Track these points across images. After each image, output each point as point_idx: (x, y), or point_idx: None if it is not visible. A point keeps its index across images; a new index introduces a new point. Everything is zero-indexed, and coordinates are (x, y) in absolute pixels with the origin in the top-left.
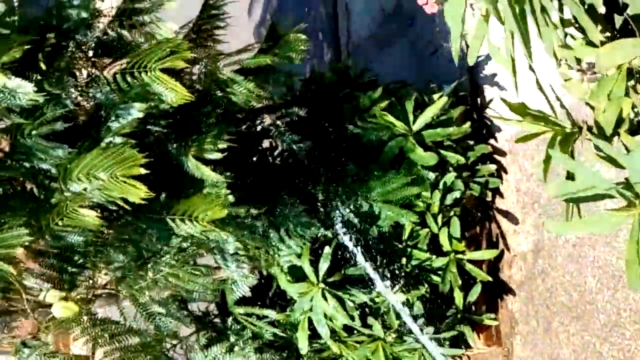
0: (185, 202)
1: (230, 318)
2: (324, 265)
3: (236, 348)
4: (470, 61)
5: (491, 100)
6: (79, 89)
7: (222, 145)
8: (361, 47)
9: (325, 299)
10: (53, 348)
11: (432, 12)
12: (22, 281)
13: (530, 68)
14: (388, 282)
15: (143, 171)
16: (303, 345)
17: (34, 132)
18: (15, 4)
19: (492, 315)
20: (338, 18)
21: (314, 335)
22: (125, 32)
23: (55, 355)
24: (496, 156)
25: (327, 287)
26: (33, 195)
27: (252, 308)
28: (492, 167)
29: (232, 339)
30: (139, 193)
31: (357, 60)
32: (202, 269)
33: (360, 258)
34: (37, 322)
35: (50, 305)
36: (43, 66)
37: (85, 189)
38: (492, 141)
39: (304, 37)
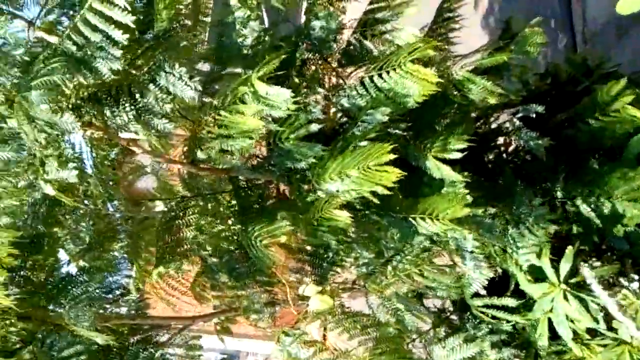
0: (424, 201)
1: (468, 313)
2: (565, 266)
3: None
4: None
5: None
6: (326, 97)
7: (461, 145)
8: (598, 33)
9: (567, 301)
10: (310, 337)
11: None
12: (283, 275)
13: None
14: (636, 284)
15: (392, 156)
16: (543, 346)
17: (291, 136)
18: (266, 25)
19: None
20: (572, 3)
21: (554, 336)
22: (366, 42)
23: (313, 344)
24: None
25: (568, 289)
26: (286, 196)
27: (490, 299)
28: None
29: (470, 332)
30: (390, 177)
31: (595, 49)
32: (446, 269)
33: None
34: (296, 314)
35: (307, 298)
36: (295, 79)
37: (337, 190)
38: None
39: (540, 30)
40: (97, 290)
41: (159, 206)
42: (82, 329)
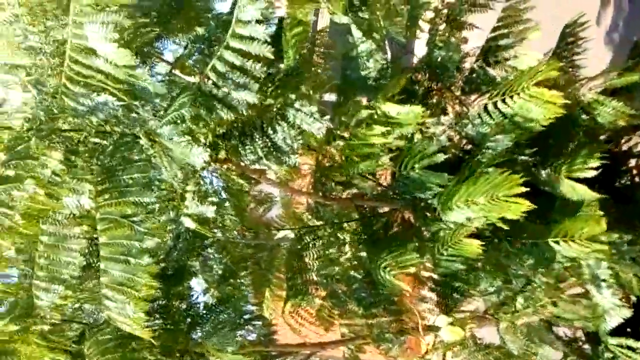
0: (556, 226)
1: (602, 346)
2: None
3: None
4: None
5: None
6: (450, 125)
7: (595, 162)
8: None
9: None
10: None
11: None
12: (413, 305)
13: None
14: None
15: (523, 189)
16: None
17: (417, 165)
18: (388, 57)
19: None
20: None
21: None
22: (489, 69)
23: None
24: None
25: None
26: (411, 224)
27: (626, 339)
28: None
29: None
30: (519, 208)
31: None
32: (583, 301)
33: None
34: (425, 343)
35: (436, 328)
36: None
37: (464, 217)
38: None
39: None
40: (233, 318)
41: (283, 234)
42: (225, 353)
